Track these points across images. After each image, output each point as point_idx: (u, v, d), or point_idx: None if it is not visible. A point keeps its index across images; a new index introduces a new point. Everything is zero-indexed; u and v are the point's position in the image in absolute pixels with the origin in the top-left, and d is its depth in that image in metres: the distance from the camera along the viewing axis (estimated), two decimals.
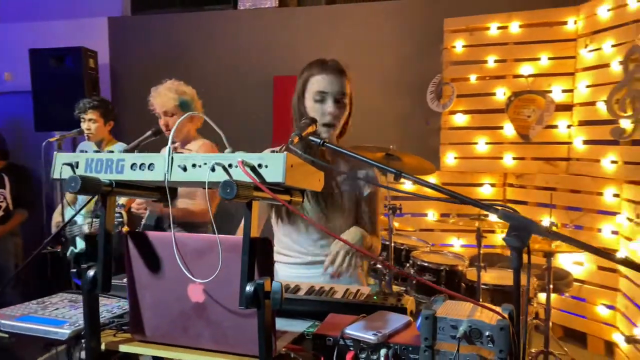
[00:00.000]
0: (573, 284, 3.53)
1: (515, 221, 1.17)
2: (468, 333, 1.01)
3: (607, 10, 3.60)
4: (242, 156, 1.08)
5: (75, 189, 1.09)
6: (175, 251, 1.14)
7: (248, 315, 1.10)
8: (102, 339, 1.21)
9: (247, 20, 4.93)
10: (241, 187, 1.00)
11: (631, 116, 3.32)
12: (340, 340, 1.12)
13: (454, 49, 4.26)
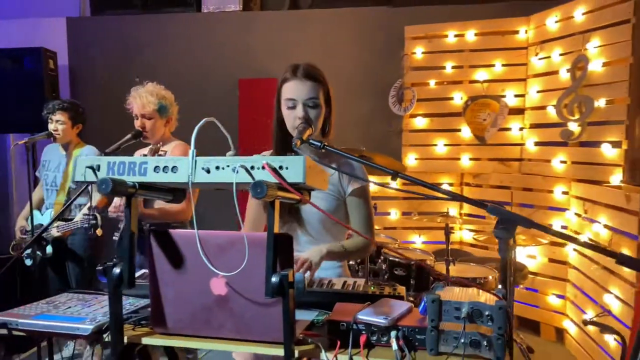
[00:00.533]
0: (528, 276, 3.78)
1: (503, 215, 1.33)
2: (470, 313, 1.15)
3: (555, 22, 3.88)
4: (264, 159, 1.18)
5: (106, 190, 1.16)
6: (199, 247, 1.22)
7: (269, 305, 1.20)
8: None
9: (211, 23, 4.97)
10: (269, 187, 1.10)
11: (578, 119, 3.60)
12: (354, 325, 1.23)
13: (414, 55, 4.47)
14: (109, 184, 1.16)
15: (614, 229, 3.15)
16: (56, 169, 3.52)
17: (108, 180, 1.16)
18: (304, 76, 1.76)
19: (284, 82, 1.79)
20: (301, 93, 1.75)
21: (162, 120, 2.74)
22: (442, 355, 1.17)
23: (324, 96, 1.81)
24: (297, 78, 1.76)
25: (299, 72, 1.77)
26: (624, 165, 3.30)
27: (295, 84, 1.76)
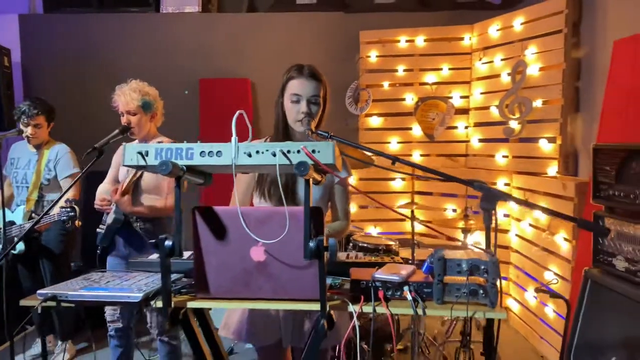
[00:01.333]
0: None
1: (487, 191, 1.62)
2: (470, 268, 1.42)
3: (496, 30, 4.31)
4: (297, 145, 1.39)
5: (166, 171, 1.34)
6: (242, 221, 1.42)
7: (304, 267, 1.42)
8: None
9: (171, 23, 5.05)
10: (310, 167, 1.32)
11: (518, 118, 4.03)
12: (372, 283, 1.47)
13: (369, 59, 4.78)
14: (169, 165, 1.34)
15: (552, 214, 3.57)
16: (26, 166, 3.53)
17: (168, 162, 1.34)
18: (309, 75, 1.98)
19: (290, 79, 2.00)
20: (306, 90, 1.97)
21: (147, 116, 2.85)
22: (447, 304, 1.43)
23: (323, 94, 2.03)
24: (303, 77, 1.98)
25: (304, 72, 1.99)
26: (558, 158, 3.75)
27: (301, 82, 1.97)
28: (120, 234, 2.85)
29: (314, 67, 2.04)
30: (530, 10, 3.97)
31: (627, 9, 3.13)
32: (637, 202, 2.14)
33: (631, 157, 2.18)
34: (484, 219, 1.61)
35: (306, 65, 2.02)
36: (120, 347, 2.99)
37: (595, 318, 2.38)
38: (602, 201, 2.37)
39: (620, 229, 2.24)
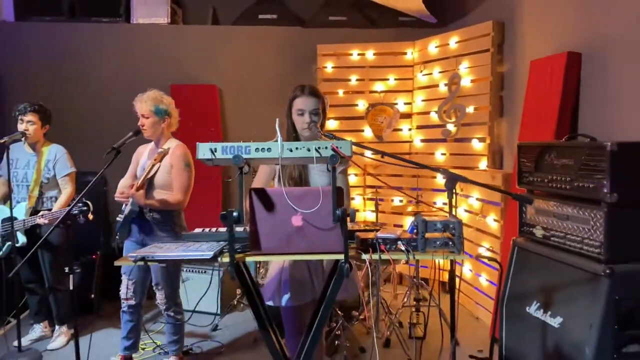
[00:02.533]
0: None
1: (450, 175, 2.27)
2: (443, 227, 2.07)
3: (435, 47, 5.08)
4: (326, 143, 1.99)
5: (238, 161, 1.90)
6: (286, 197, 1.99)
7: (330, 230, 2.01)
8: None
9: (141, 33, 5.44)
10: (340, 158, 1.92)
11: (454, 122, 4.81)
12: (376, 240, 2.09)
13: (326, 69, 5.41)
14: (241, 158, 1.89)
15: (483, 200, 4.36)
16: (26, 166, 3.85)
17: (240, 156, 1.90)
18: (309, 94, 2.57)
19: (295, 97, 2.59)
20: (308, 105, 2.55)
21: (159, 120, 3.31)
22: (428, 252, 2.07)
23: (321, 107, 2.62)
24: (304, 95, 2.57)
25: (305, 91, 2.58)
26: (487, 154, 4.55)
27: (303, 99, 2.56)
28: (135, 223, 3.31)
29: (313, 86, 2.64)
30: (463, 31, 4.76)
31: (540, 35, 3.94)
32: (550, 185, 2.88)
33: (545, 151, 2.93)
34: (447, 195, 2.26)
35: (307, 86, 2.62)
36: (132, 321, 3.43)
37: (521, 275, 3.12)
38: (524, 185, 3.12)
39: (538, 205, 2.99)
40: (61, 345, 3.93)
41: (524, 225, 3.14)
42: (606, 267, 2.45)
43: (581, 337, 2.51)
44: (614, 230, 2.47)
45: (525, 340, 2.96)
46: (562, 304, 2.71)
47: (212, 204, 5.26)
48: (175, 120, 3.46)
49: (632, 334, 2.46)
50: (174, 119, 3.44)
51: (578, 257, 2.65)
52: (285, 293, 2.52)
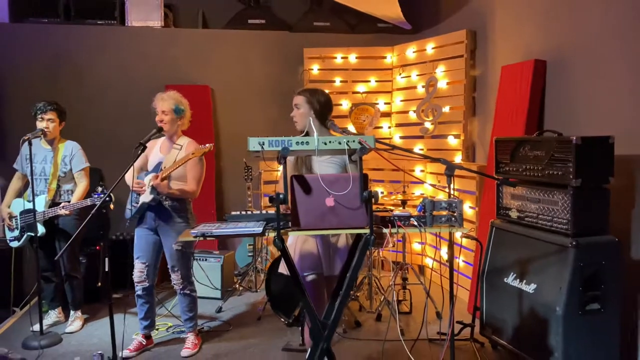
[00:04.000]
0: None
1: (449, 164, 2.74)
2: (448, 205, 2.53)
3: (412, 52, 5.58)
4: (354, 137, 2.42)
5: (285, 152, 2.30)
6: (322, 182, 2.40)
7: (358, 209, 2.44)
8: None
9: (136, 36, 5.70)
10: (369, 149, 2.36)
11: (432, 120, 5.32)
12: (394, 217, 2.53)
13: (312, 71, 5.83)
14: (288, 149, 2.30)
15: (460, 190, 4.88)
16: (43, 161, 4.10)
17: (287, 147, 2.30)
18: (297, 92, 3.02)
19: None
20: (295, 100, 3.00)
21: (177, 118, 3.65)
22: (435, 227, 2.53)
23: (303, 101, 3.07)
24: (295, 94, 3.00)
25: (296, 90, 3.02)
26: (462, 149, 5.08)
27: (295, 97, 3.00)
28: (152, 211, 3.64)
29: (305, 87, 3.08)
30: (439, 38, 5.27)
31: (510, 43, 4.49)
32: (524, 174, 3.40)
33: (520, 145, 3.45)
34: (447, 181, 2.73)
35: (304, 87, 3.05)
36: (147, 303, 3.76)
37: (499, 251, 3.64)
38: (501, 174, 3.63)
39: (513, 191, 3.51)
40: (77, 329, 4.19)
41: (501, 209, 3.66)
42: (572, 239, 2.98)
43: (552, 299, 3.03)
44: (578, 209, 3.01)
45: (503, 306, 3.48)
46: (536, 273, 3.23)
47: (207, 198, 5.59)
48: (188, 120, 3.79)
49: (593, 294, 3.00)
50: (187, 119, 3.78)
51: (548, 233, 3.18)
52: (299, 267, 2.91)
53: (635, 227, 3.14)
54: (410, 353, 3.45)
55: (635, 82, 3.13)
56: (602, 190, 3.06)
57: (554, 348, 3.00)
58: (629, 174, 3.14)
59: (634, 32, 3.13)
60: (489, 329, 3.65)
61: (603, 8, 3.38)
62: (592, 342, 2.99)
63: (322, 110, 3.12)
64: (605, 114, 3.37)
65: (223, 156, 5.93)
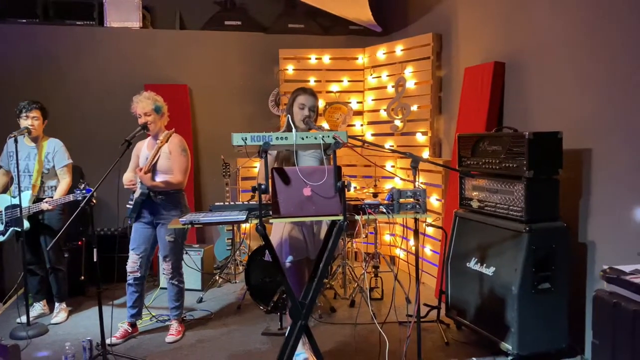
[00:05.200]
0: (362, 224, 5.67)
1: (414, 157, 3.02)
2: (413, 194, 2.81)
3: (383, 53, 5.86)
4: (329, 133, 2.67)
5: (266, 146, 2.54)
6: (300, 174, 2.65)
7: (332, 198, 2.69)
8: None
9: (115, 37, 5.85)
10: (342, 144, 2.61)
11: (401, 118, 5.61)
12: (365, 205, 2.79)
13: (287, 71, 6.07)
14: (269, 143, 2.54)
15: (427, 184, 5.19)
16: (27, 158, 4.24)
17: (268, 142, 2.54)
18: (310, 94, 3.26)
19: (298, 95, 3.26)
20: (308, 102, 3.24)
21: (158, 116, 3.85)
22: (402, 213, 2.80)
23: (317, 105, 3.31)
24: (307, 94, 3.25)
25: (308, 91, 3.26)
26: (429, 145, 5.38)
27: (305, 97, 3.25)
28: (146, 206, 3.82)
29: (312, 88, 3.31)
30: (407, 41, 5.57)
31: (472, 46, 4.80)
32: (483, 167, 3.71)
33: (480, 140, 3.76)
34: (412, 173, 3.01)
35: (308, 88, 3.30)
36: (137, 292, 3.95)
37: (462, 238, 3.94)
38: (463, 168, 3.94)
39: (475, 183, 3.82)
40: (62, 320, 4.34)
41: (463, 199, 3.96)
42: (526, 225, 3.29)
43: (509, 280, 3.34)
44: (531, 198, 3.32)
45: (466, 289, 3.78)
46: (494, 257, 3.54)
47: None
48: (166, 115, 3.98)
49: (544, 275, 3.32)
50: (166, 114, 3.97)
51: (505, 220, 3.50)
52: (287, 251, 3.17)
53: (582, 213, 3.48)
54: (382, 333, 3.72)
55: (581, 84, 3.46)
56: (552, 181, 3.38)
57: (510, 324, 3.31)
58: (576, 166, 3.47)
59: (579, 39, 3.46)
60: (453, 311, 3.95)
61: (553, 17, 3.71)
62: (544, 318, 3.31)
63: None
64: (556, 111, 3.70)
65: (201, 153, 6.12)
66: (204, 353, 3.70)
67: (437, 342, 3.80)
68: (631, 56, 3.07)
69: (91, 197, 3.85)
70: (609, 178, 3.26)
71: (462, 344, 3.76)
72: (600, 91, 3.31)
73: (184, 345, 3.85)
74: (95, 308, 4.51)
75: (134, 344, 3.87)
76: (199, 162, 6.11)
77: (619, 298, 2.43)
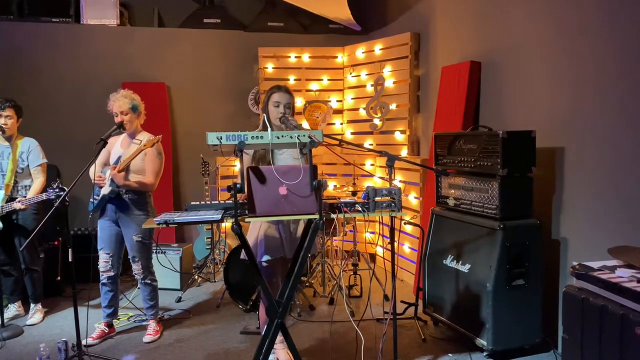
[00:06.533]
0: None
1: (390, 155, 3.04)
2: (387, 192, 2.83)
3: (362, 52, 5.89)
4: (304, 132, 2.68)
5: (241, 145, 2.54)
6: (275, 173, 2.65)
7: (308, 196, 2.71)
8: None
9: (91, 34, 5.78)
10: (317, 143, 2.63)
11: (380, 117, 5.65)
12: (341, 204, 2.81)
13: (266, 69, 6.06)
14: (244, 142, 2.54)
15: (405, 182, 5.23)
16: (0, 157, 4.18)
17: (243, 141, 2.54)
18: (285, 91, 3.24)
19: (273, 93, 3.24)
20: (283, 99, 3.22)
21: (135, 115, 3.81)
22: (377, 212, 2.82)
23: (292, 103, 3.30)
24: (281, 91, 3.23)
25: (282, 89, 3.24)
26: (407, 144, 5.43)
27: (280, 94, 3.23)
28: (112, 203, 3.79)
29: (287, 86, 3.30)
30: (386, 40, 5.60)
31: (449, 46, 4.85)
32: (459, 165, 3.75)
33: (455, 139, 3.80)
34: (388, 171, 3.03)
35: (283, 85, 3.28)
36: (112, 291, 3.91)
37: (438, 236, 3.98)
38: (439, 166, 3.98)
39: (451, 181, 3.87)
40: (38, 321, 4.29)
41: (440, 197, 4.01)
42: (500, 223, 3.34)
43: (484, 276, 3.39)
44: (505, 196, 3.37)
45: (443, 286, 3.83)
46: (470, 254, 3.59)
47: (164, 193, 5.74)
48: (143, 113, 3.94)
49: (518, 271, 3.37)
50: (143, 113, 3.93)
51: (480, 218, 3.54)
52: (262, 251, 3.18)
53: (554, 211, 3.54)
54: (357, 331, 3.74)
55: (554, 83, 3.52)
56: (526, 179, 3.43)
57: (485, 320, 3.36)
58: (549, 164, 3.53)
59: (553, 39, 3.52)
60: (430, 307, 3.99)
61: (528, 17, 3.76)
62: (518, 313, 3.37)
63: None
64: (530, 110, 3.76)
65: (180, 152, 6.09)
66: (181, 353, 3.69)
67: (414, 338, 3.84)
68: (604, 55, 3.13)
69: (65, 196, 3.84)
70: (581, 176, 3.33)
71: (439, 340, 3.80)
72: (573, 90, 3.37)
73: (161, 345, 3.84)
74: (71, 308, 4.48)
75: (111, 345, 3.84)
76: (177, 161, 6.08)
77: (587, 294, 2.48)
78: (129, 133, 3.85)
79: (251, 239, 3.27)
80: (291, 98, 3.29)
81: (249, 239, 3.28)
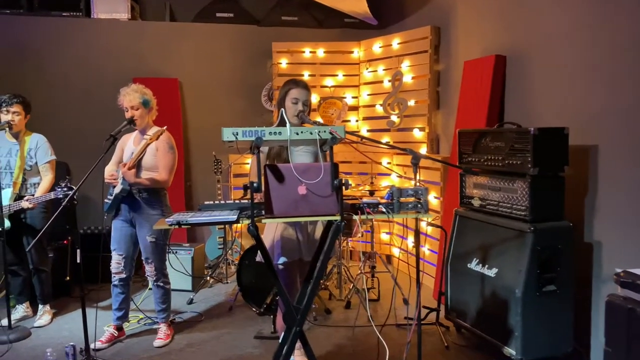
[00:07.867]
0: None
1: (415, 153, 2.86)
2: (414, 192, 2.66)
3: (379, 47, 5.70)
4: (325, 128, 2.51)
5: (259, 142, 2.38)
6: (294, 171, 2.49)
7: (328, 197, 2.54)
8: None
9: (102, 28, 5.65)
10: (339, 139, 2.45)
11: (398, 114, 5.46)
12: (363, 205, 2.63)
13: (280, 65, 5.89)
14: (261, 139, 2.37)
15: (425, 181, 5.04)
16: (8, 154, 4.06)
17: (261, 137, 2.37)
18: (303, 87, 3.07)
19: (290, 88, 3.06)
20: (302, 96, 3.06)
21: (146, 110, 3.67)
22: (402, 213, 2.65)
23: (310, 99, 3.13)
24: (299, 87, 3.06)
25: (300, 84, 3.07)
26: (427, 142, 5.24)
27: (299, 91, 3.06)
28: (125, 203, 3.65)
29: (305, 81, 3.13)
30: (404, 34, 5.41)
31: (472, 39, 4.66)
32: (485, 164, 3.56)
33: (481, 136, 3.61)
34: (413, 170, 2.85)
35: (300, 80, 3.12)
36: (123, 293, 3.78)
37: (462, 238, 3.80)
38: (464, 165, 3.79)
39: (476, 180, 3.68)
40: (46, 323, 4.17)
41: (464, 198, 3.82)
42: (530, 225, 3.15)
43: (512, 282, 3.20)
44: (536, 196, 3.18)
45: (467, 291, 3.64)
46: (497, 257, 3.40)
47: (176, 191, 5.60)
48: (155, 109, 3.79)
49: (549, 276, 3.18)
50: (154, 109, 3.79)
51: (508, 220, 3.35)
52: (279, 252, 3.01)
53: (587, 212, 3.34)
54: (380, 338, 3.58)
55: (586, 78, 3.32)
56: (557, 179, 3.24)
57: (514, 328, 3.17)
58: (583, 162, 3.33)
59: (584, 30, 3.31)
60: (453, 313, 3.81)
61: (557, 8, 3.56)
62: (548, 321, 3.17)
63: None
64: (559, 106, 3.56)
65: (192, 149, 5.94)
66: (193, 358, 3.54)
67: (436, 345, 3.66)
68: None
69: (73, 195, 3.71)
70: (616, 175, 3.12)
71: (463, 347, 3.62)
72: (607, 85, 3.17)
73: (172, 349, 3.69)
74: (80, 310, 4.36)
75: (120, 349, 3.71)
76: (189, 158, 5.94)
77: (634, 304, 2.29)
78: (140, 129, 3.70)
79: (267, 240, 3.11)
80: (309, 94, 3.13)
81: (264, 240, 3.13)
